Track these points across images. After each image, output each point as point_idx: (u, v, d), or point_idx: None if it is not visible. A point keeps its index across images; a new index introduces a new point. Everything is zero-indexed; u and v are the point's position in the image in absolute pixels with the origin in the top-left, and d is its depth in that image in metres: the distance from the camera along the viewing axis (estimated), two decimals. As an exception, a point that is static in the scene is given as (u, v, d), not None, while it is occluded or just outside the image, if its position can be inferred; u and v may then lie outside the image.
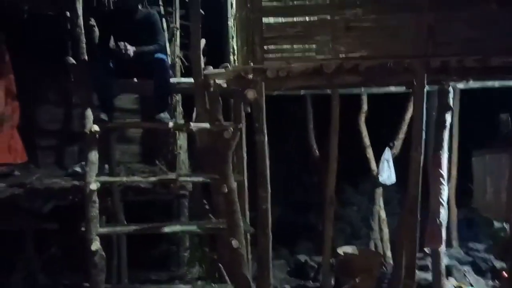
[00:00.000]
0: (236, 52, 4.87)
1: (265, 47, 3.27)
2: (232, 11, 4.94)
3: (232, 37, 4.91)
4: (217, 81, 4.06)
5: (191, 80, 4.13)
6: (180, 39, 6.07)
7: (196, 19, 3.82)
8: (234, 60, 4.85)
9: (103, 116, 3.80)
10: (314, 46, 3.28)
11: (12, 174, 5.80)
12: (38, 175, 5.81)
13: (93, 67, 3.89)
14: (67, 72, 5.76)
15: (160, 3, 5.93)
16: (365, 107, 6.55)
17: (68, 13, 4.12)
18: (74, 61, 4.07)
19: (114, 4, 4.78)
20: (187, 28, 6.07)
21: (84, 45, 4.03)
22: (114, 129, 4.22)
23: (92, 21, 4.87)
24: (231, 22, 4.95)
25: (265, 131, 3.53)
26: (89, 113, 3.83)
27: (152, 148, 6.70)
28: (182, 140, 6.17)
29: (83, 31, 4.03)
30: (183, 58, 6.04)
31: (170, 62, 4.03)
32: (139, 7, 4.11)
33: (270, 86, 3.32)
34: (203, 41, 5.37)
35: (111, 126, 3.89)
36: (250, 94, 3.23)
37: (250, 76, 3.47)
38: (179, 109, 6.13)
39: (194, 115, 5.12)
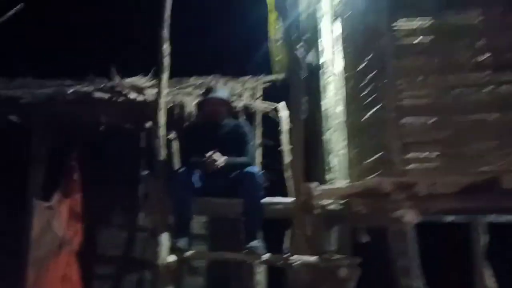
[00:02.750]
0: (333, 169, 4.13)
1: (405, 156, 2.44)
2: (328, 122, 4.31)
3: (329, 154, 4.21)
4: (322, 202, 3.25)
5: (288, 200, 3.36)
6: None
7: (298, 132, 3.20)
8: (330, 179, 4.11)
9: (182, 243, 3.01)
10: (473, 154, 2.41)
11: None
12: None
13: (172, 182, 3.23)
14: (135, 192, 5.33)
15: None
16: (485, 238, 5.27)
17: (147, 124, 3.62)
18: (149, 175, 3.43)
19: (199, 117, 4.34)
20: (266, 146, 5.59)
21: (162, 159, 3.44)
22: (192, 259, 3.38)
23: (172, 135, 4.42)
24: (327, 136, 4.27)
25: (421, 274, 2.47)
26: (163, 239, 3.05)
27: (220, 282, 5.72)
28: (260, 274, 5.14)
29: (163, 143, 3.47)
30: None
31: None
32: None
33: (416, 207, 2.38)
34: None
35: (191, 256, 3.05)
36: (410, 216, 2.25)
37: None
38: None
39: (285, 245, 4.23)
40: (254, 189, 3.17)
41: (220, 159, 3.21)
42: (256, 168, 3.26)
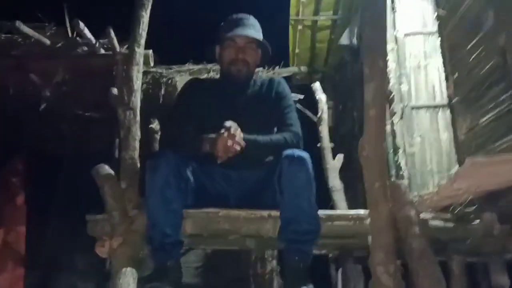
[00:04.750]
0: (400, 173, 2.77)
1: None
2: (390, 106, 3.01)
3: (395, 150, 2.84)
4: (424, 215, 1.87)
5: (359, 212, 1.93)
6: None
7: (378, 108, 1.79)
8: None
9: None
10: None
11: None
12: None
13: (150, 179, 1.73)
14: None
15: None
16: None
17: (114, 91, 2.17)
18: (106, 173, 1.92)
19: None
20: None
21: (137, 144, 1.98)
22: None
23: (155, 124, 2.98)
24: (389, 125, 2.94)
25: None
26: (127, 285, 1.56)
27: None
28: None
29: (137, 118, 2.03)
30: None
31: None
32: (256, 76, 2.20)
33: None
34: (340, 157, 3.35)
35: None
36: None
37: None
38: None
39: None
40: (302, 188, 1.70)
41: (239, 135, 1.76)
42: (303, 152, 1.77)
